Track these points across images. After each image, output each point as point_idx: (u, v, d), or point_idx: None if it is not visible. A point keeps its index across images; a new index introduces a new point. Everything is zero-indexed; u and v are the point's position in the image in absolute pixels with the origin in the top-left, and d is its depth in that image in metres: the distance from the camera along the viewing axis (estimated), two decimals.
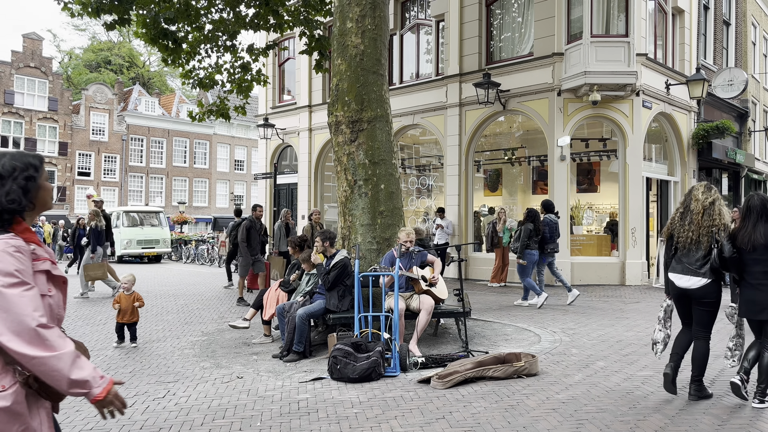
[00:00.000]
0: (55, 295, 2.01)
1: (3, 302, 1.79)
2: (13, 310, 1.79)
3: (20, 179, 1.99)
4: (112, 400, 1.93)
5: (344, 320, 6.45)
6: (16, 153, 2.06)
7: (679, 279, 4.68)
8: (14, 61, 34.75)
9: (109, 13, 10.19)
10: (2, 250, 1.85)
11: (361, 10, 7.60)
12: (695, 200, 4.70)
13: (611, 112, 13.04)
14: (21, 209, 1.99)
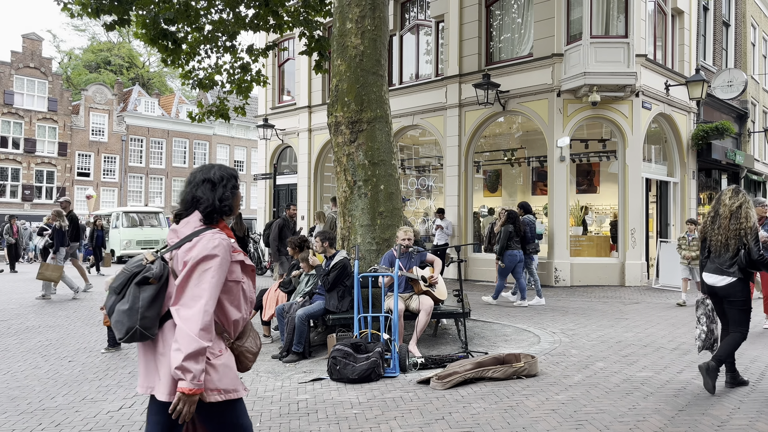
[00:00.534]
0: (247, 282, 2.51)
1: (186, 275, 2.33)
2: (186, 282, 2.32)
3: (228, 187, 2.54)
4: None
5: (344, 321, 6.45)
6: (222, 166, 2.62)
7: (709, 277, 5.04)
8: (14, 61, 34.74)
9: (109, 14, 10.18)
10: (220, 242, 2.39)
11: (360, 10, 7.60)
12: (723, 205, 5.00)
13: (611, 113, 13.05)
14: (229, 211, 2.53)
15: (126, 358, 6.45)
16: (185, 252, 2.36)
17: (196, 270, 2.31)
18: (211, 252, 2.32)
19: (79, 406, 4.74)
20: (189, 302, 2.28)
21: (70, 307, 10.41)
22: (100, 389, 5.24)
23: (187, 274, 2.31)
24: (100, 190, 37.46)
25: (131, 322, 2.30)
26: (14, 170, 34.77)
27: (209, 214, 2.47)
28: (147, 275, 2.34)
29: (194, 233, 2.40)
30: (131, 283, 2.35)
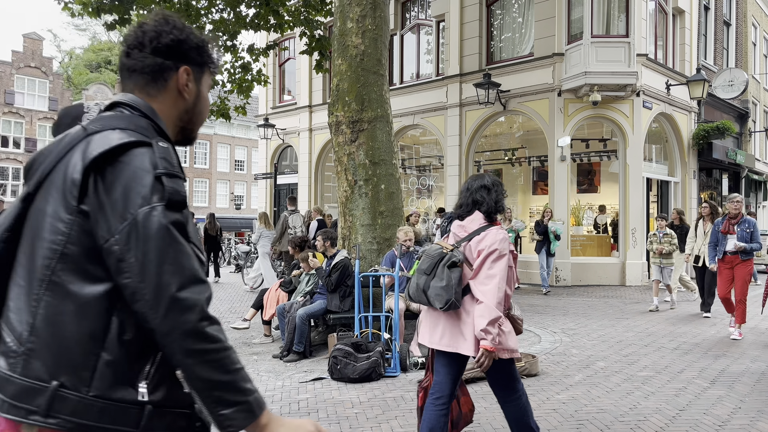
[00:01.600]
0: (513, 267, 3.13)
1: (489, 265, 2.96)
2: (490, 271, 2.95)
3: (500, 191, 3.23)
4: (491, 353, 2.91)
5: (344, 320, 6.45)
6: (491, 174, 3.33)
7: None
8: (15, 61, 34.76)
9: (110, 13, 10.18)
10: (504, 236, 3.04)
11: (361, 10, 7.59)
12: None
13: (611, 113, 13.04)
14: (501, 210, 3.22)
15: None
16: (477, 243, 3.04)
17: (489, 257, 2.96)
18: (499, 243, 2.98)
19: None
20: (485, 280, 2.95)
21: None
22: None
23: (483, 259, 2.98)
24: None
25: (449, 295, 2.95)
26: (15, 170, 34.80)
27: (489, 213, 3.15)
28: (455, 260, 3.00)
29: (481, 228, 3.09)
30: (439, 266, 3.02)
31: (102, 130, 1.21)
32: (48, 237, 1.18)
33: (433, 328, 3.16)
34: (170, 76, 1.36)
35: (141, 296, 1.13)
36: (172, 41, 1.34)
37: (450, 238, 3.27)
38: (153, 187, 1.16)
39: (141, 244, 1.13)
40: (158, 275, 1.12)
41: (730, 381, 5.24)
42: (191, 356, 1.14)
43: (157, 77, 1.35)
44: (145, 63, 1.33)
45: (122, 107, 1.30)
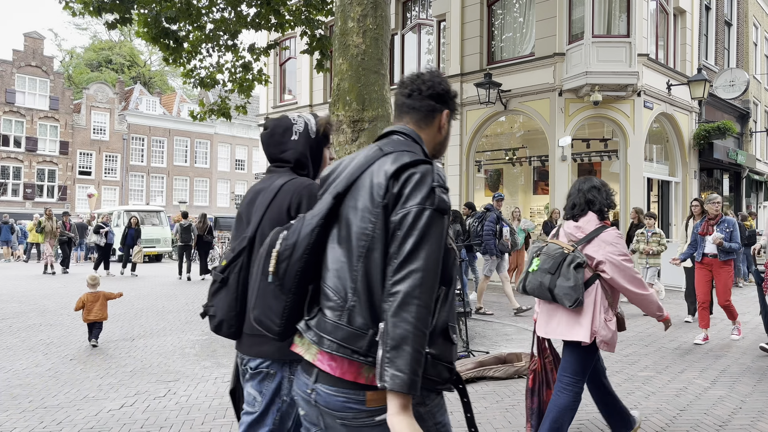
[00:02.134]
0: None
1: (624, 268, 3.25)
2: (627, 272, 3.25)
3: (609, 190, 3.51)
4: (669, 320, 3.49)
5: None
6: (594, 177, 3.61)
7: None
8: (15, 60, 34.78)
9: (111, 12, 10.18)
10: (617, 236, 3.33)
11: (362, 9, 7.59)
12: None
13: (612, 113, 13.04)
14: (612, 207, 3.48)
15: (127, 357, 6.46)
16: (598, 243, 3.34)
17: None
18: (618, 241, 3.30)
19: (81, 405, 4.75)
20: None
21: (71, 305, 10.41)
22: (101, 387, 5.24)
23: None
24: (101, 188, 37.49)
25: (577, 294, 3.20)
26: (16, 169, 34.81)
27: (601, 211, 3.42)
28: (580, 262, 3.24)
29: (599, 228, 3.36)
30: (563, 265, 3.26)
31: (394, 151, 1.66)
32: (361, 224, 1.60)
33: (549, 320, 3.45)
34: (436, 116, 1.81)
35: (393, 262, 1.51)
36: (442, 90, 1.81)
37: (562, 236, 3.52)
38: (428, 195, 1.55)
39: (407, 229, 1.52)
40: (410, 253, 1.50)
41: (731, 381, 5.24)
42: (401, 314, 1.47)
43: (428, 116, 1.80)
44: (422, 104, 1.78)
45: (399, 134, 1.77)
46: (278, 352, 2.01)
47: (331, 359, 1.56)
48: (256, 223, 2.14)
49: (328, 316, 1.59)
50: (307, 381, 1.64)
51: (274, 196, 2.16)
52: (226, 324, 2.14)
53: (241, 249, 2.14)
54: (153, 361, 6.25)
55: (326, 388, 1.57)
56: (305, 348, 1.65)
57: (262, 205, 2.18)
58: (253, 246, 2.11)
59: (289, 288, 1.65)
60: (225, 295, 2.14)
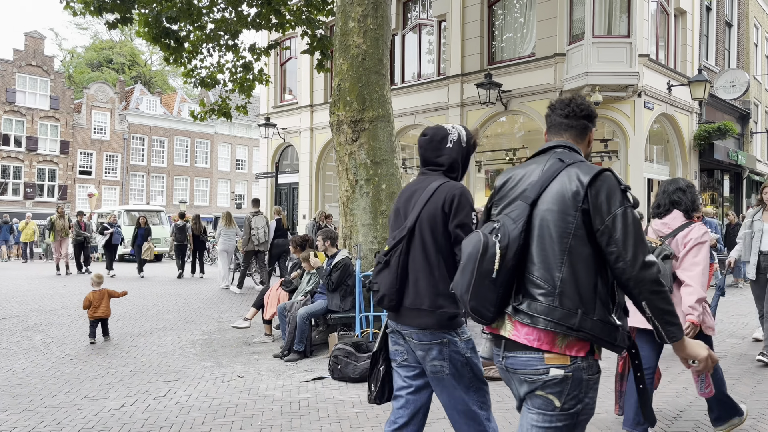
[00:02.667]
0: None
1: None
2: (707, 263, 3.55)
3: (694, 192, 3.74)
4: None
5: (345, 320, 6.46)
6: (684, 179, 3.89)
7: None
8: (16, 59, 34.78)
9: (112, 12, 10.18)
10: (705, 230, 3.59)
11: (363, 10, 7.60)
12: None
13: (613, 113, 13.03)
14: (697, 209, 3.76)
15: (128, 356, 6.46)
16: (683, 237, 3.59)
17: (694, 248, 3.53)
18: (702, 237, 3.53)
19: (81, 404, 4.75)
20: (690, 267, 3.50)
21: (72, 305, 10.42)
22: (102, 387, 5.25)
23: (688, 249, 3.54)
24: (101, 188, 37.50)
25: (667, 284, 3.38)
26: (16, 168, 34.81)
27: (687, 211, 3.70)
28: (668, 253, 3.50)
29: (684, 225, 3.64)
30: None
31: (575, 162, 2.06)
32: (561, 225, 1.97)
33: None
34: (587, 132, 2.25)
35: (623, 259, 1.90)
36: (591, 112, 2.25)
37: (650, 233, 3.84)
38: (623, 196, 1.96)
39: (622, 228, 1.91)
40: (634, 246, 1.90)
41: (731, 382, 5.23)
42: (654, 294, 1.91)
43: (582, 132, 2.24)
44: (578, 123, 2.22)
45: (564, 148, 2.16)
46: (434, 324, 2.53)
47: (529, 333, 1.97)
48: (415, 217, 2.62)
49: (541, 301, 1.96)
50: (497, 351, 2.09)
51: (431, 195, 2.62)
52: (387, 298, 2.63)
53: (401, 237, 2.64)
54: (153, 361, 6.25)
55: (514, 353, 2.01)
56: (500, 327, 2.06)
57: (420, 202, 2.64)
58: (412, 235, 2.63)
59: (502, 282, 1.99)
60: (387, 274, 2.63)
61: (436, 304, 2.53)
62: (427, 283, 2.56)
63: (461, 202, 2.55)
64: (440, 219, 2.56)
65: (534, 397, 1.99)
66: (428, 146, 2.76)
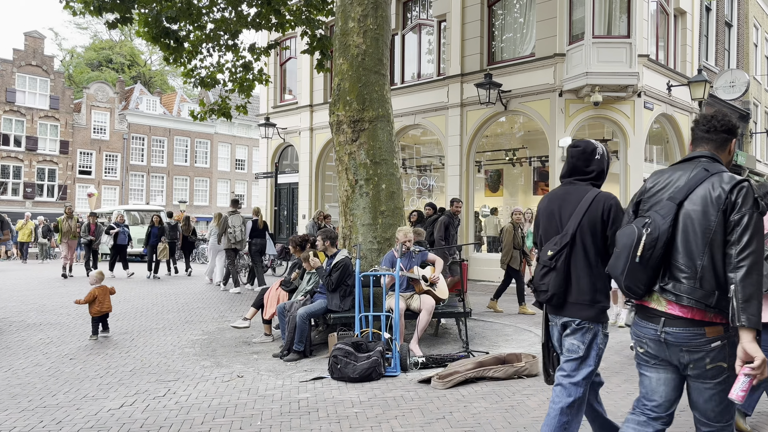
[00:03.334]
0: None
1: None
2: None
3: None
4: None
5: (345, 320, 6.45)
6: None
7: None
8: (16, 59, 34.77)
9: (111, 12, 10.18)
10: None
11: (363, 9, 7.60)
12: None
13: (613, 113, 13.04)
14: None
15: (127, 356, 6.46)
16: None
17: None
18: None
19: (81, 404, 4.75)
20: None
21: (72, 305, 10.42)
22: (101, 387, 5.24)
23: None
24: (101, 188, 37.49)
25: None
26: (16, 168, 34.81)
27: None
28: None
29: None
30: None
31: (718, 172, 2.49)
32: (704, 222, 2.43)
33: None
34: (728, 144, 2.63)
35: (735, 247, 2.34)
36: (731, 126, 2.61)
37: None
38: (754, 203, 2.37)
39: (743, 227, 2.35)
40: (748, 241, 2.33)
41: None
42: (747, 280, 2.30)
43: (722, 144, 2.63)
44: (718, 137, 2.62)
45: (707, 158, 2.58)
46: (595, 316, 3.00)
47: (681, 309, 2.45)
48: (576, 224, 3.02)
49: (684, 283, 2.45)
50: (655, 327, 2.52)
51: (589, 204, 3.04)
52: (556, 297, 3.04)
53: (565, 243, 3.02)
54: (153, 361, 6.25)
55: (674, 329, 2.47)
56: (655, 302, 2.54)
57: (580, 211, 3.04)
58: (574, 240, 3.02)
59: (652, 266, 2.48)
60: (554, 276, 3.02)
61: (594, 299, 3.00)
62: (587, 281, 3.01)
63: (617, 211, 3.01)
64: (599, 226, 3.01)
65: (703, 368, 2.47)
66: (580, 156, 3.17)
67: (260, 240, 12.77)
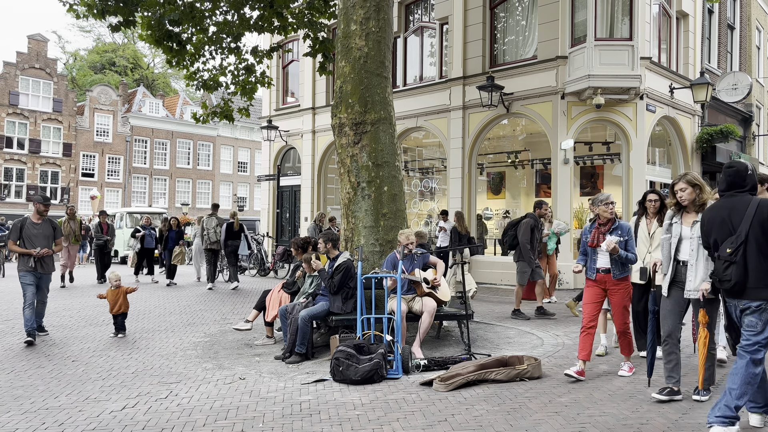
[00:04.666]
0: None
1: None
2: None
3: None
4: None
5: (347, 322, 6.45)
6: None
7: None
8: (19, 62, 34.87)
9: (115, 15, 10.21)
10: None
11: (365, 12, 7.61)
12: None
13: (615, 116, 13.03)
14: None
15: (129, 358, 6.47)
16: None
17: None
18: None
19: (83, 406, 4.75)
20: None
21: (74, 307, 10.44)
22: (103, 389, 5.25)
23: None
24: (104, 190, 37.55)
25: None
26: (19, 170, 34.89)
27: None
28: None
29: None
30: None
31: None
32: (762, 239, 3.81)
33: None
34: None
35: None
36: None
37: None
38: None
39: None
40: None
41: None
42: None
43: None
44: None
45: None
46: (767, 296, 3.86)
47: None
48: (748, 225, 3.88)
49: None
50: None
51: (756, 209, 3.89)
52: (738, 285, 3.87)
53: (741, 241, 3.87)
54: (155, 363, 6.26)
55: None
56: None
57: (749, 215, 3.90)
58: (748, 238, 3.86)
59: None
60: (735, 268, 3.88)
61: (765, 283, 3.84)
62: (761, 269, 3.84)
63: None
64: (767, 225, 3.85)
65: None
66: (737, 175, 4.06)
67: (234, 242, 13.60)
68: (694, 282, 4.52)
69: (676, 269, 4.74)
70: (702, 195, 4.62)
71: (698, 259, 4.52)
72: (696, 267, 4.53)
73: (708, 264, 4.40)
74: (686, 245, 4.65)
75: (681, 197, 4.67)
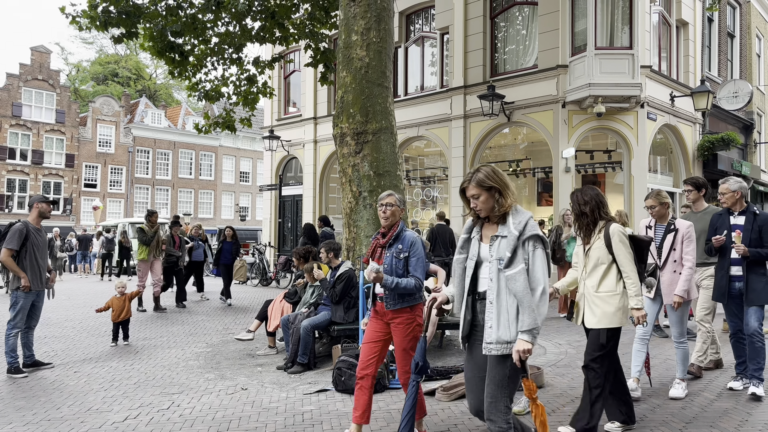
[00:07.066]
0: None
1: None
2: None
3: None
4: None
5: (349, 332, 6.44)
6: None
7: None
8: (22, 73, 35.08)
9: (117, 27, 10.29)
10: None
11: (366, 23, 7.65)
12: None
13: (616, 124, 13.05)
14: None
15: (131, 369, 6.46)
16: None
17: None
18: None
19: (85, 417, 4.74)
20: None
21: (76, 317, 10.44)
22: (105, 400, 5.24)
23: None
24: (106, 201, 37.65)
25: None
26: (22, 181, 35.01)
27: None
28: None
29: None
30: None
31: None
32: None
33: None
34: None
35: None
36: None
37: None
38: None
39: None
40: None
41: (736, 395, 5.20)
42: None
43: None
44: None
45: None
46: None
47: None
48: None
49: None
50: None
51: None
52: None
53: None
54: (157, 374, 6.25)
55: None
56: None
57: None
58: None
59: None
60: None
61: None
62: None
63: None
64: None
65: None
66: None
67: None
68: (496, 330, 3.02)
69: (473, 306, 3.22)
70: None
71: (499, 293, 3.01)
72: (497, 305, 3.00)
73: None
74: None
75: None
